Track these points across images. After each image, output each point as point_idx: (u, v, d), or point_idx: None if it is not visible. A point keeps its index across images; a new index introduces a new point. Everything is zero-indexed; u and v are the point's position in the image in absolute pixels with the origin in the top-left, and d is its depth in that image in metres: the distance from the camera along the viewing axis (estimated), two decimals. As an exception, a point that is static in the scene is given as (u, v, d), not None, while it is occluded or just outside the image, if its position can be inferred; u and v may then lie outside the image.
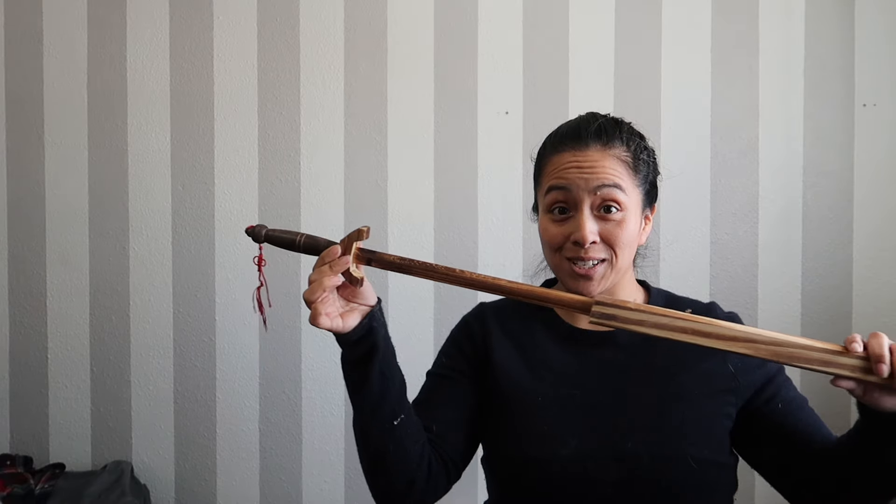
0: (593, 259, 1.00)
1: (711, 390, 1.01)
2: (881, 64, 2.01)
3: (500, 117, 2.02)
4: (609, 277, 1.02)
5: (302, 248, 0.97)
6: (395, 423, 0.99)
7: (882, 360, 0.81)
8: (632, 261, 1.08)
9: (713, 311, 1.09)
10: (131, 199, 2.04)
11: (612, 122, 1.06)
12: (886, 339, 0.83)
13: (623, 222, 1.00)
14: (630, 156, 1.03)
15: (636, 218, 1.03)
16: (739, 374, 1.02)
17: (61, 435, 2.05)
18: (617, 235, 1.00)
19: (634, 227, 1.02)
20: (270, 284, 2.03)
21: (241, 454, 2.04)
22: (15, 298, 2.05)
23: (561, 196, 1.02)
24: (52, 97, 2.04)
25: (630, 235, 1.01)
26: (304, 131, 2.03)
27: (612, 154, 1.02)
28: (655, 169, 1.09)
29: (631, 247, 1.02)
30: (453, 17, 2.02)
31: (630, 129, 1.07)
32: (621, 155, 1.02)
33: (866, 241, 2.01)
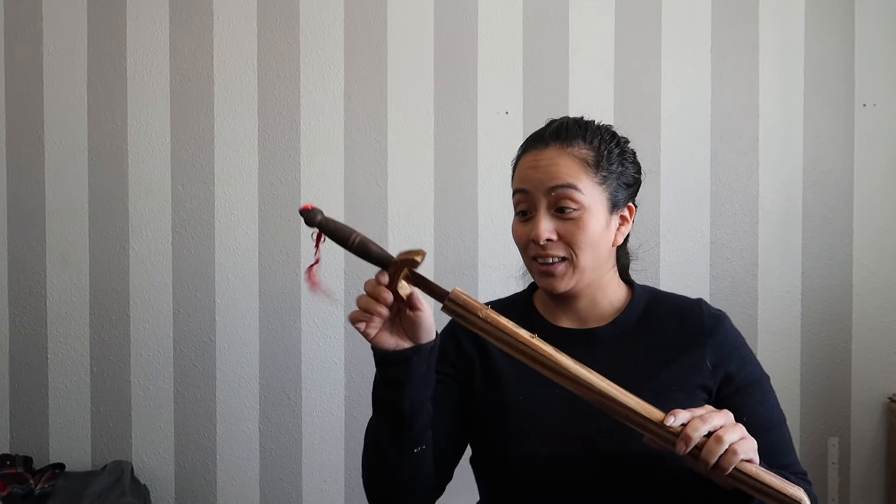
0: (552, 256, 1.01)
1: (689, 385, 1.01)
2: (881, 64, 2.01)
3: (500, 117, 2.02)
4: (573, 276, 1.02)
5: (355, 249, 0.94)
6: (415, 451, 0.98)
7: (686, 439, 0.82)
8: (607, 261, 1.06)
9: (698, 308, 1.07)
10: (131, 199, 2.04)
11: (576, 122, 1.06)
12: (711, 424, 0.83)
13: (580, 221, 1.00)
14: (592, 154, 1.02)
15: (599, 217, 1.01)
16: (715, 370, 1.02)
17: (61, 435, 2.05)
18: (574, 234, 1.00)
19: (597, 227, 1.01)
20: (270, 283, 2.03)
21: (241, 454, 2.04)
22: (15, 298, 2.05)
23: (522, 198, 1.03)
24: (52, 97, 2.04)
25: (591, 235, 1.00)
26: (304, 131, 2.03)
27: (570, 153, 1.01)
28: (632, 168, 1.07)
29: (595, 246, 1.01)
30: (453, 17, 2.02)
31: (598, 128, 1.06)
32: (581, 154, 1.02)
33: (866, 241, 2.01)
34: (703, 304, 1.09)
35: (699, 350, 1.03)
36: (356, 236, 0.95)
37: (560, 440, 0.98)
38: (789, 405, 2.03)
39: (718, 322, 1.06)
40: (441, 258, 2.02)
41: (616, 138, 1.07)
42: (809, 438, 2.03)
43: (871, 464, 2.03)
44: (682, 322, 1.06)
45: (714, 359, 1.02)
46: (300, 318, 2.03)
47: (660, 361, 1.03)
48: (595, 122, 1.07)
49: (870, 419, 2.03)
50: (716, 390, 1.02)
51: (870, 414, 2.03)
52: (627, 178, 1.06)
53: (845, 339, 2.03)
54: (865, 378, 2.03)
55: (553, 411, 1.00)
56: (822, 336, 2.02)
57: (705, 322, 1.05)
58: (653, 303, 1.09)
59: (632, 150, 1.09)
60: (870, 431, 2.03)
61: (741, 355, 1.04)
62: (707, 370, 1.02)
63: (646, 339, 1.05)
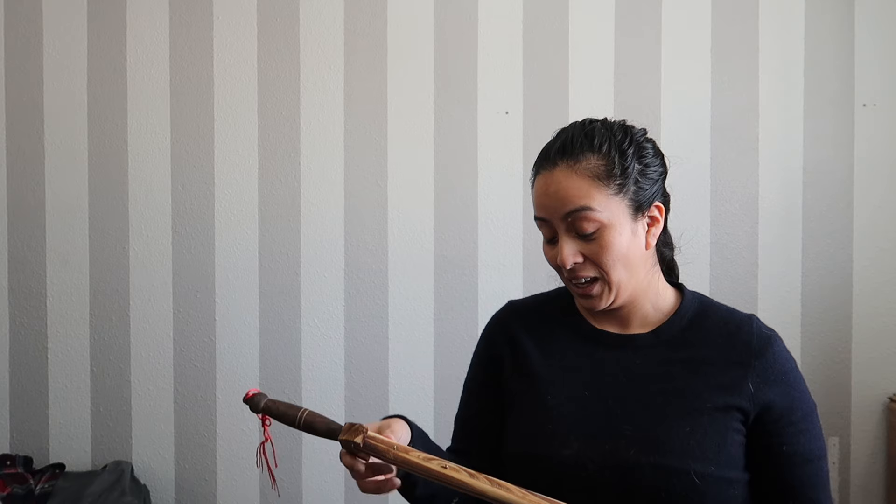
0: (584, 277, 0.98)
1: (725, 405, 0.96)
2: (881, 64, 2.01)
3: (500, 117, 2.02)
4: (610, 293, 0.99)
5: (302, 427, 0.98)
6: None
7: None
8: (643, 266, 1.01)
9: (748, 326, 1.01)
10: (131, 199, 2.04)
11: (582, 130, 1.00)
12: None
13: (602, 240, 0.96)
14: (603, 164, 0.97)
15: (622, 229, 0.97)
16: (756, 394, 0.96)
17: (61, 435, 2.05)
18: (598, 254, 0.97)
19: (621, 240, 0.97)
20: (270, 283, 2.03)
21: (241, 454, 2.04)
22: (15, 298, 2.05)
23: (542, 225, 1.01)
24: (52, 97, 2.04)
25: (617, 250, 0.96)
26: (304, 131, 2.03)
27: (579, 170, 0.96)
28: (654, 161, 1.02)
29: (624, 259, 0.97)
30: (453, 17, 2.02)
31: (607, 130, 1.00)
32: (590, 167, 0.96)
33: (866, 241, 2.01)
34: (754, 323, 1.02)
35: (742, 370, 0.97)
36: (302, 414, 0.97)
37: (583, 444, 0.97)
38: (789, 405, 2.02)
39: (768, 344, 0.99)
40: (441, 258, 2.02)
41: (629, 135, 1.01)
42: (809, 438, 2.02)
43: (871, 464, 2.03)
44: (729, 338, 1.00)
45: (757, 382, 0.97)
46: (300, 318, 2.03)
47: (699, 376, 0.98)
48: (601, 124, 1.02)
49: (870, 419, 2.03)
50: (754, 416, 0.96)
51: (870, 414, 2.03)
52: (649, 175, 1.00)
53: (845, 339, 2.03)
54: (865, 378, 2.03)
55: (579, 415, 0.99)
56: (822, 336, 2.02)
57: (754, 343, 0.99)
58: (701, 313, 1.04)
59: (650, 143, 1.03)
60: (870, 431, 2.03)
61: (788, 381, 0.98)
62: (748, 393, 0.96)
63: (687, 352, 1.00)
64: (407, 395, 2.02)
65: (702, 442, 0.94)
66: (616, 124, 1.02)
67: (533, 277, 2.01)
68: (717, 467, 0.94)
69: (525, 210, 2.01)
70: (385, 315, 2.03)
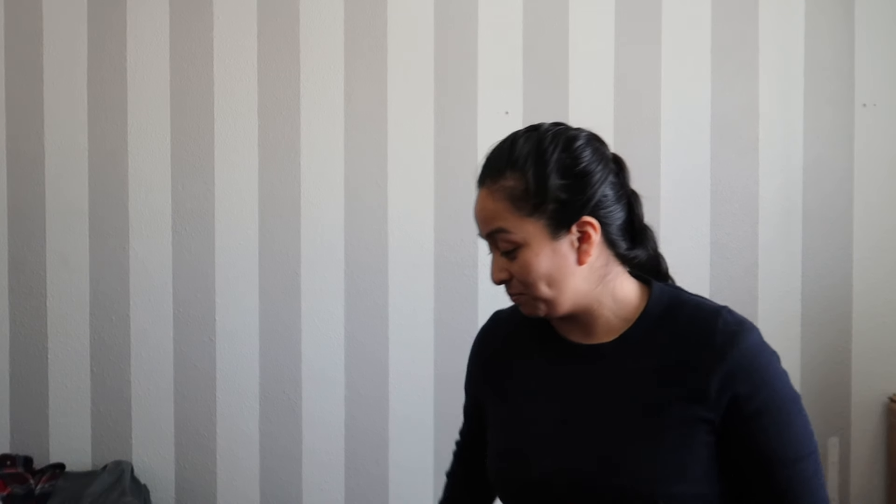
0: (514, 293, 0.97)
1: (692, 417, 0.90)
2: (881, 64, 2.01)
3: (500, 117, 2.02)
4: (544, 306, 0.96)
5: None
6: None
7: None
8: (587, 280, 0.95)
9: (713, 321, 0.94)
10: (131, 199, 2.04)
11: (508, 145, 0.97)
12: None
13: (520, 260, 0.93)
14: (519, 184, 0.92)
15: (540, 250, 0.92)
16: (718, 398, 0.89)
17: (61, 435, 2.05)
18: (519, 273, 0.94)
19: (541, 261, 0.92)
20: (270, 283, 2.03)
21: (241, 454, 2.04)
22: (15, 298, 2.05)
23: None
24: (52, 97, 2.04)
25: (537, 271, 0.92)
26: (304, 131, 2.03)
27: (496, 191, 0.94)
28: (581, 173, 0.94)
29: (549, 279, 0.93)
30: (453, 17, 2.02)
31: (526, 147, 0.95)
32: (507, 188, 0.93)
33: (866, 241, 2.01)
34: (720, 317, 0.95)
35: (706, 374, 0.90)
36: None
37: (549, 464, 0.94)
38: (789, 405, 2.02)
39: (732, 340, 0.92)
40: (441, 258, 2.02)
41: (557, 146, 0.94)
42: (809, 438, 2.02)
43: (871, 464, 2.03)
44: (695, 339, 0.93)
45: (721, 384, 0.89)
46: (300, 318, 2.03)
47: (664, 387, 0.92)
48: (527, 137, 0.96)
49: (870, 419, 2.03)
50: (720, 421, 0.89)
51: (870, 414, 2.03)
52: (578, 188, 0.93)
53: (845, 339, 2.03)
54: (865, 378, 2.03)
55: (546, 434, 0.97)
56: (822, 336, 2.02)
57: (717, 340, 0.92)
58: (668, 314, 0.97)
59: (590, 149, 0.96)
60: (870, 431, 2.03)
61: (755, 378, 0.91)
62: (711, 399, 0.89)
63: (652, 360, 0.94)
64: (407, 395, 2.02)
65: (667, 461, 0.90)
66: (547, 134, 0.96)
67: (533, 277, 2.01)
68: (686, 485, 0.89)
69: (525, 210, 2.01)
70: (385, 315, 2.03)
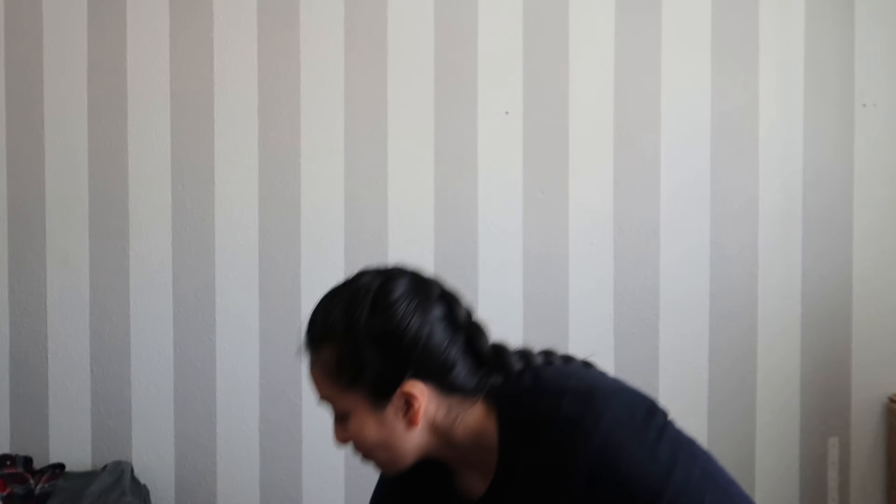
0: (358, 456, 0.92)
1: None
2: (881, 64, 2.01)
3: (500, 117, 2.02)
4: (386, 466, 0.92)
5: None
6: None
7: None
8: (424, 438, 0.89)
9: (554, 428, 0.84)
10: (131, 199, 2.04)
11: (320, 314, 0.90)
12: None
13: (349, 428, 0.89)
14: (333, 356, 0.87)
15: (363, 420, 0.87)
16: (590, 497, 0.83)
17: (61, 435, 2.05)
18: (354, 442, 0.90)
19: (366, 430, 0.88)
20: (270, 283, 2.03)
21: (241, 454, 2.04)
22: (15, 298, 2.05)
23: None
24: (52, 97, 2.04)
25: (364, 440, 0.88)
26: (304, 131, 2.03)
27: (315, 362, 0.90)
28: (397, 339, 0.86)
29: (382, 445, 0.88)
30: (453, 17, 2.02)
31: (336, 312, 0.88)
32: (323, 360, 0.88)
33: (866, 241, 2.01)
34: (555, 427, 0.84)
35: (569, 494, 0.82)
36: None
37: None
38: (789, 405, 2.03)
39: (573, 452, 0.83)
40: (441, 258, 2.02)
41: (364, 310, 0.87)
42: (809, 438, 2.02)
43: (871, 464, 2.03)
44: (548, 461, 0.84)
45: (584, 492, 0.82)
46: (300, 318, 2.02)
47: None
48: (339, 300, 0.89)
49: (870, 419, 2.03)
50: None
51: (870, 414, 2.03)
52: (389, 357, 0.87)
53: (845, 339, 2.03)
54: (865, 378, 2.02)
55: None
56: (822, 336, 2.02)
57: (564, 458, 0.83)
58: (519, 434, 0.87)
59: (397, 309, 0.87)
60: (870, 431, 2.03)
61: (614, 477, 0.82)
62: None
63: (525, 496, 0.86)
64: (407, 395, 2.02)
65: None
66: (359, 294, 0.88)
67: (533, 278, 2.01)
68: None
69: (525, 210, 2.01)
70: (385, 315, 2.02)
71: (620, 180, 2.02)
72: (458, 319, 0.91)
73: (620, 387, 0.91)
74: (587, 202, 2.02)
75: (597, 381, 0.92)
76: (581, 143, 2.02)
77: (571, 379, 0.91)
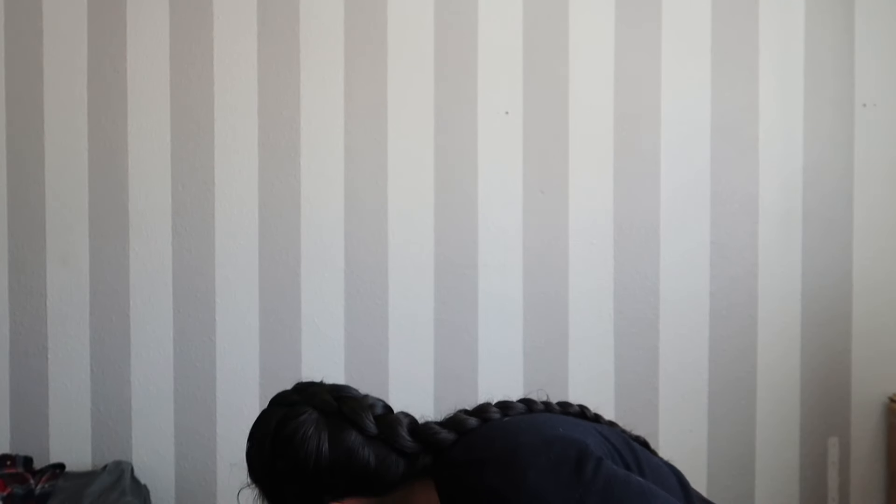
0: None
1: None
2: (881, 64, 2.01)
3: (500, 117, 2.02)
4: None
5: None
6: None
7: None
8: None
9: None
10: (131, 199, 2.04)
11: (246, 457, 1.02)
12: None
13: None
14: (263, 495, 1.00)
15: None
16: None
17: (61, 435, 2.05)
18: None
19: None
20: (270, 283, 2.03)
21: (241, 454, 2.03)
22: (15, 298, 2.05)
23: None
24: (52, 97, 2.04)
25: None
26: (304, 131, 2.03)
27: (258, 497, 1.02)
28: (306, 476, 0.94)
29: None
30: (453, 17, 2.02)
31: (253, 461, 1.01)
32: (261, 496, 1.01)
33: (866, 241, 2.01)
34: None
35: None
36: None
37: None
38: (789, 405, 2.03)
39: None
40: (441, 258, 2.02)
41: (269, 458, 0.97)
42: (809, 438, 2.03)
43: (871, 464, 2.03)
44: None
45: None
46: (300, 317, 2.03)
47: None
48: (250, 445, 1.01)
49: (870, 419, 2.03)
50: None
51: (870, 414, 2.03)
52: (307, 487, 0.94)
53: (845, 339, 2.03)
54: (865, 378, 2.03)
55: None
56: (822, 336, 2.02)
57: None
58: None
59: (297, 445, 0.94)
60: (870, 431, 2.03)
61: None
62: None
63: None
64: (407, 394, 2.02)
65: None
66: (265, 441, 0.98)
67: (533, 278, 2.01)
68: None
69: (525, 210, 2.02)
70: (385, 315, 2.03)
71: (620, 180, 2.02)
72: (367, 430, 0.94)
73: (551, 438, 0.90)
74: (587, 202, 2.02)
75: (526, 438, 0.91)
76: (581, 143, 2.02)
77: (496, 443, 0.91)
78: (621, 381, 2.01)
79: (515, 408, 1.00)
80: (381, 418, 0.96)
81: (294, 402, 0.98)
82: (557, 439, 0.89)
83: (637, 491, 0.86)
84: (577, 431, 0.93)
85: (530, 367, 2.01)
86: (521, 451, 0.88)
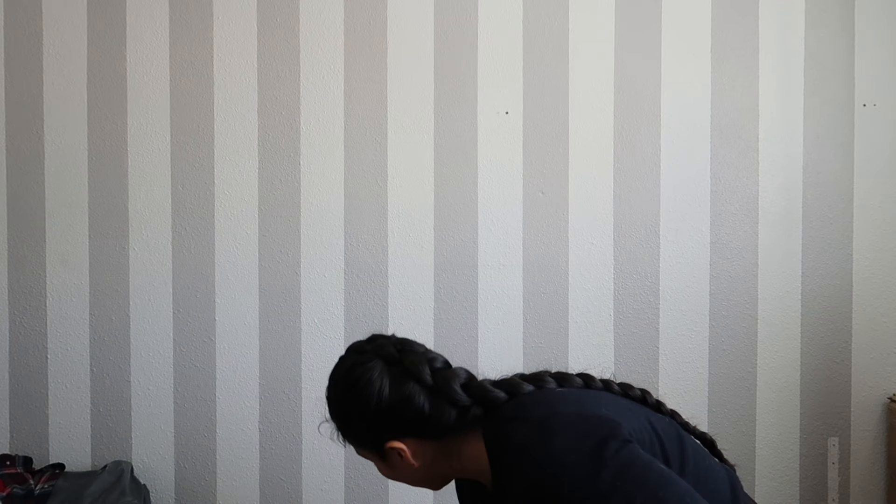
0: None
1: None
2: (881, 64, 2.01)
3: (500, 117, 2.02)
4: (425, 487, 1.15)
5: None
6: None
7: None
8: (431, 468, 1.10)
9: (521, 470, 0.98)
10: (131, 199, 2.04)
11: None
12: None
13: (381, 470, 1.13)
14: (339, 429, 1.13)
15: (382, 465, 1.12)
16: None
17: (61, 435, 2.05)
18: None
19: (389, 471, 1.12)
20: (270, 283, 2.03)
21: (241, 454, 2.04)
22: (15, 298, 2.05)
23: None
24: (52, 97, 2.04)
25: (392, 477, 1.13)
26: (304, 131, 2.03)
27: (336, 429, 1.15)
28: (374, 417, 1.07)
29: (401, 477, 1.12)
30: (453, 17, 2.02)
31: (330, 397, 1.13)
32: (338, 430, 1.14)
33: (866, 241, 2.01)
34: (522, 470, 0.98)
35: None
36: None
37: None
38: (789, 405, 2.03)
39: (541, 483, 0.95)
40: (441, 258, 2.02)
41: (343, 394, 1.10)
42: (809, 438, 2.03)
43: (871, 464, 2.03)
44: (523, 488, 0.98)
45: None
46: (300, 318, 2.03)
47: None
48: (330, 384, 1.14)
49: (870, 419, 2.03)
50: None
51: (870, 414, 2.03)
52: (372, 427, 1.08)
53: (845, 339, 2.03)
54: (865, 378, 2.03)
55: None
56: (822, 336, 2.02)
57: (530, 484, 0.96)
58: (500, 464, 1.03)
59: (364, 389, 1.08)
60: (870, 431, 2.03)
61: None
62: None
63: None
64: None
65: None
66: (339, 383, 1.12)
67: (533, 277, 2.01)
68: None
69: (525, 210, 2.02)
70: (385, 315, 2.03)
71: (620, 180, 2.02)
72: (424, 381, 1.07)
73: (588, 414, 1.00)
74: (587, 202, 2.02)
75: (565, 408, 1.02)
76: (581, 143, 2.02)
77: (539, 407, 1.03)
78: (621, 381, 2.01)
79: (572, 381, 1.11)
80: (439, 371, 1.09)
81: (364, 351, 1.12)
82: (594, 416, 0.99)
83: (653, 477, 0.92)
84: (621, 414, 1.01)
85: (530, 366, 2.01)
86: (555, 419, 0.98)
